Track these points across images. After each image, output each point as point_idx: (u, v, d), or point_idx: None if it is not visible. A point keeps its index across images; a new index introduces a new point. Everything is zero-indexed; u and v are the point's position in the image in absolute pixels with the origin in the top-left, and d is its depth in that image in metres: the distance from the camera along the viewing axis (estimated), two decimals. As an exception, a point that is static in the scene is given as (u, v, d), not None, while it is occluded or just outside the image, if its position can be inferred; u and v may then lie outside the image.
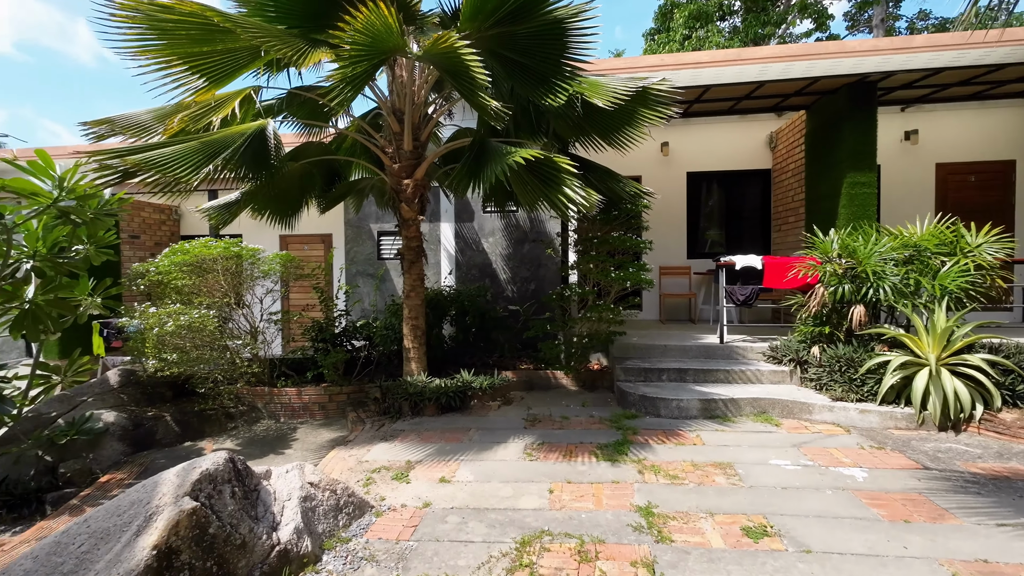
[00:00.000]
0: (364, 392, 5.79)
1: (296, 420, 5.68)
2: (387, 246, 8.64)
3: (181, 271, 5.18)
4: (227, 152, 3.84)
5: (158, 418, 5.05)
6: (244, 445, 5.02)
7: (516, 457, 3.95)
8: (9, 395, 3.79)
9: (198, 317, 4.86)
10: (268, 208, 5.88)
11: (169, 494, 2.12)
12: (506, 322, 7.01)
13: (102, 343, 7.20)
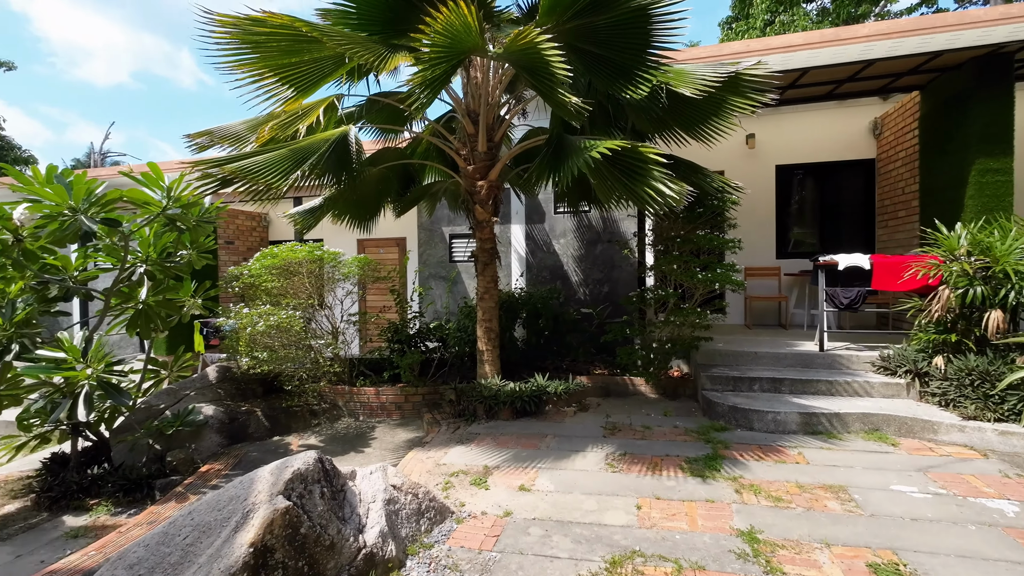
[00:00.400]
0: (438, 393, 5.82)
1: (374, 419, 5.81)
2: (459, 249, 8.72)
3: (270, 274, 5.46)
4: (313, 158, 3.96)
5: (250, 413, 5.34)
6: (327, 442, 5.19)
7: (597, 467, 3.76)
8: (126, 387, 4.13)
9: (285, 317, 5.08)
10: (348, 213, 6.08)
11: (264, 492, 2.15)
12: (580, 325, 6.80)
13: (202, 341, 7.80)
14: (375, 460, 4.62)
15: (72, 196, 3.91)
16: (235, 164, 3.76)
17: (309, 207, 5.69)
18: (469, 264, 8.65)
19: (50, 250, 4.54)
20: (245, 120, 4.76)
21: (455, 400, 5.22)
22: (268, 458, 4.80)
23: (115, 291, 4.64)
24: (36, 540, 3.72)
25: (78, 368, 3.80)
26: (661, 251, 5.56)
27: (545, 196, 8.19)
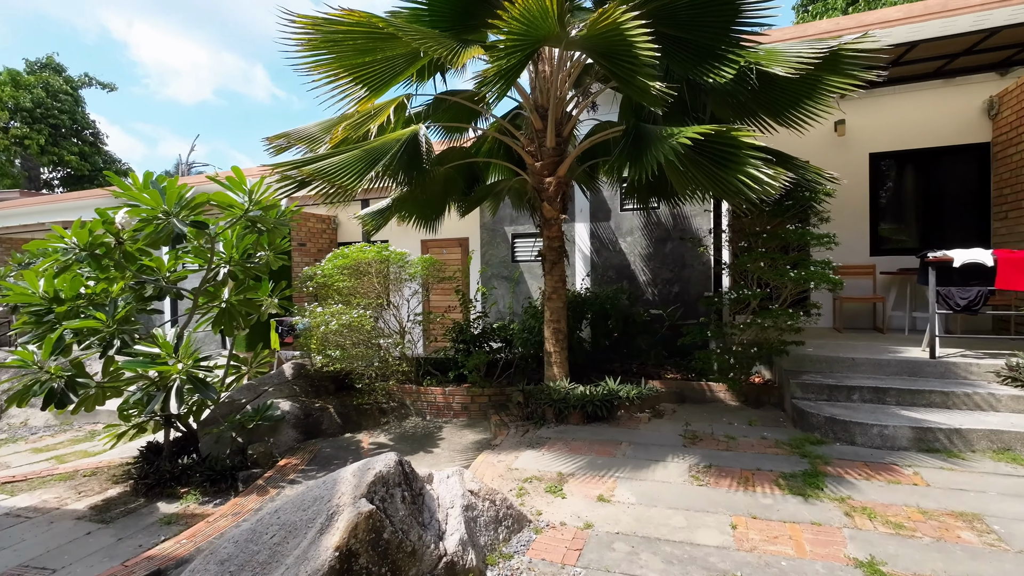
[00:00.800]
0: (504, 395, 5.72)
1: (440, 419, 5.79)
2: (522, 248, 8.61)
3: (342, 274, 5.58)
4: (386, 158, 3.97)
5: (323, 410, 5.47)
6: (396, 441, 5.21)
7: (680, 479, 3.49)
8: (211, 382, 4.32)
9: (356, 316, 5.16)
10: (414, 213, 6.11)
11: (347, 494, 2.10)
12: (650, 327, 6.49)
13: (277, 338, 8.14)
14: (444, 461, 4.58)
15: (165, 200, 4.14)
16: (313, 166, 3.82)
17: (378, 208, 5.76)
18: (532, 264, 8.52)
19: (146, 252, 4.84)
20: (319, 122, 4.88)
21: (523, 403, 5.09)
22: (340, 455, 4.89)
23: (202, 290, 4.89)
24: (135, 524, 3.95)
25: (170, 363, 4.00)
26: (744, 248, 5.17)
27: (611, 193, 7.92)
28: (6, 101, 20.47)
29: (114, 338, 4.32)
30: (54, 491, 4.69)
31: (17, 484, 4.89)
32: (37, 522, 4.05)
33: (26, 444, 6.61)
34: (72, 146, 22.30)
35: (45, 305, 4.47)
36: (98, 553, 3.50)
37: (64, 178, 21.95)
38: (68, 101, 22.19)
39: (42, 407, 4.03)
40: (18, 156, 21.17)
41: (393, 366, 5.57)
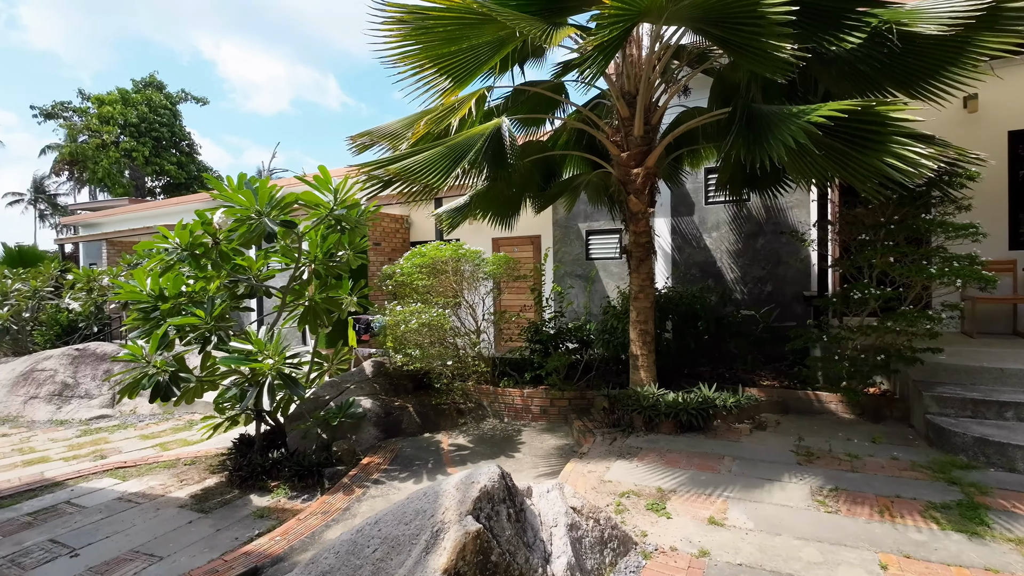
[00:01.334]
0: (586, 399, 5.45)
1: (518, 422, 5.61)
2: (597, 245, 8.28)
3: (420, 272, 5.53)
4: (470, 154, 3.83)
5: (403, 409, 5.45)
6: (475, 443, 5.09)
7: (804, 504, 3.07)
8: (299, 378, 4.39)
9: (436, 315, 5.08)
10: (490, 210, 5.97)
11: (452, 510, 1.93)
12: (743, 329, 5.96)
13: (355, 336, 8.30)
14: (527, 467, 4.38)
15: (257, 200, 4.23)
16: (398, 165, 3.74)
17: (455, 205, 5.67)
18: (607, 261, 8.17)
19: (239, 252, 5.01)
20: (400, 119, 4.84)
21: (608, 408, 4.80)
22: (421, 455, 4.82)
23: (290, 288, 4.99)
24: (230, 515, 4.06)
25: (262, 360, 4.07)
26: (865, 241, 4.57)
27: (694, 185, 7.41)
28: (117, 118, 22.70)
29: (212, 334, 4.48)
30: (159, 478, 4.96)
31: (128, 469, 5.22)
32: (145, 508, 4.26)
33: (135, 431, 7.13)
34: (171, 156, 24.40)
35: (151, 302, 4.72)
36: (199, 543, 3.60)
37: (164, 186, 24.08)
38: (167, 115, 24.30)
39: (150, 400, 4.25)
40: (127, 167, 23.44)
41: (472, 366, 5.45)
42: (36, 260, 15.43)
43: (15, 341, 10.39)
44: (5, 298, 10.02)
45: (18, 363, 8.83)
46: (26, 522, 4.05)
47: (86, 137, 23.15)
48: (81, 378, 8.51)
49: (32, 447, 6.40)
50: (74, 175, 24.69)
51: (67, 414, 7.95)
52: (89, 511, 4.22)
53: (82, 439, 6.75)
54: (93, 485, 4.82)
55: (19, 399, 8.14)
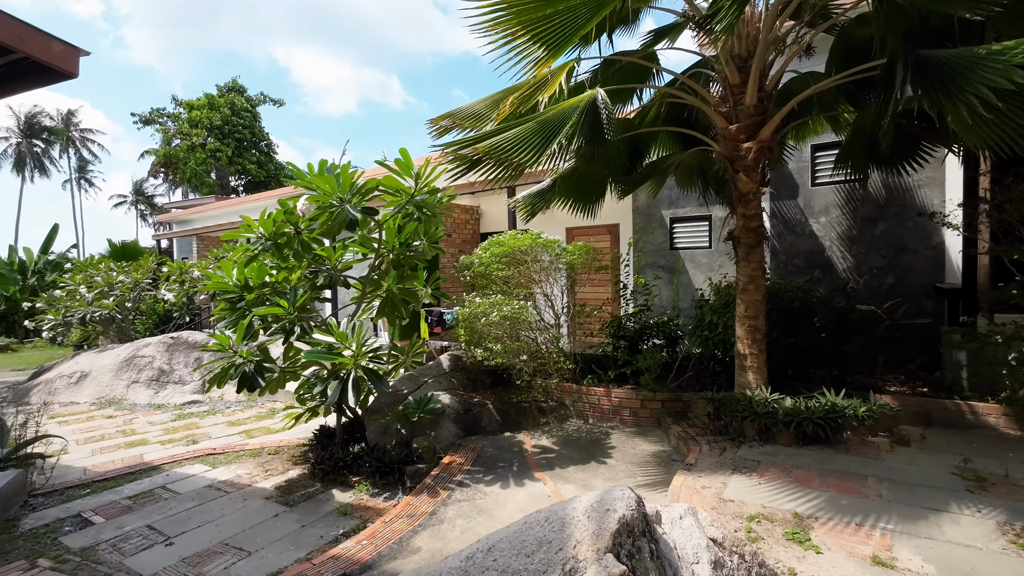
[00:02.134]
0: (681, 402, 4.95)
1: (605, 424, 5.20)
2: (682, 234, 7.65)
3: (500, 262, 5.23)
4: (565, 129, 3.45)
5: (482, 406, 5.19)
6: (560, 445, 4.73)
7: (993, 544, 2.47)
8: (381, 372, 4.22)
9: (518, 308, 4.76)
10: (571, 195, 5.56)
11: (586, 544, 1.57)
12: (865, 326, 5.19)
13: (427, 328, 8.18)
14: (623, 475, 3.97)
15: (340, 187, 4.07)
16: (488, 142, 3.43)
17: (537, 190, 5.32)
18: (695, 251, 7.53)
19: (318, 242, 4.93)
20: (482, 99, 4.53)
21: (713, 414, 4.28)
22: (504, 456, 4.53)
23: (369, 279, 4.85)
24: (314, 511, 3.95)
25: (347, 355, 3.91)
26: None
27: (798, 164, 6.62)
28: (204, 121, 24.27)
29: (295, 325, 4.40)
30: (245, 466, 5.00)
31: (217, 456, 5.32)
32: (233, 498, 4.26)
33: (223, 417, 7.38)
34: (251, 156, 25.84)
35: (237, 292, 4.73)
36: (285, 540, 3.50)
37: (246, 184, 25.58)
38: (248, 117, 25.72)
39: (236, 389, 4.24)
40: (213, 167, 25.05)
41: (557, 363, 5.08)
42: (137, 255, 16.74)
43: (119, 329, 11.22)
44: (111, 289, 10.81)
45: (122, 349, 9.47)
46: (126, 506, 4.15)
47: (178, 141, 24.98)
48: (175, 365, 8.99)
49: (133, 429, 6.74)
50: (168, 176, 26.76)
51: (163, 398, 8.40)
52: (182, 497, 4.28)
53: (176, 423, 7.05)
54: (186, 471, 4.93)
55: (123, 383, 8.70)
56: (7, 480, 4.08)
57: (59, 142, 40.57)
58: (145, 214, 45.71)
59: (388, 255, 4.89)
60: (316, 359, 3.96)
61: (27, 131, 39.38)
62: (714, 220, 7.35)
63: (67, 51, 3.47)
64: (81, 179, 43.00)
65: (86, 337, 12.25)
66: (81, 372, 9.05)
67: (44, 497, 4.37)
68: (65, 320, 10.74)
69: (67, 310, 10.64)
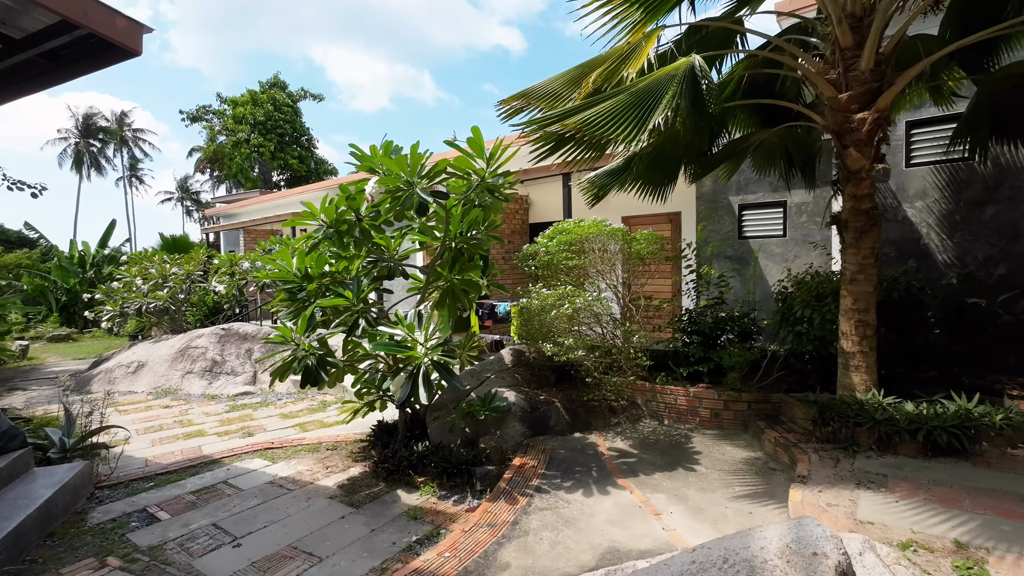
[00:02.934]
0: (770, 403, 4.50)
1: (683, 425, 4.80)
2: (753, 222, 7.12)
3: (569, 251, 4.88)
4: (666, 100, 3.07)
5: (549, 403, 4.87)
6: (638, 448, 4.37)
7: None
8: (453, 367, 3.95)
9: (591, 300, 4.40)
10: (642, 178, 5.15)
11: (792, 597, 1.21)
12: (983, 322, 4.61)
13: (478, 321, 7.87)
14: (717, 486, 3.58)
15: (408, 168, 3.79)
16: (576, 118, 3.09)
17: (607, 170, 4.93)
18: (768, 240, 6.99)
19: (378, 229, 4.69)
20: (558, 75, 4.16)
21: (818, 419, 3.82)
22: (579, 460, 4.20)
23: (433, 269, 4.58)
24: (382, 513, 3.73)
25: (418, 350, 3.65)
26: None
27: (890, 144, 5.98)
28: (248, 117, 24.73)
29: (359, 317, 4.18)
30: (305, 462, 4.84)
31: (275, 451, 5.19)
32: (296, 496, 4.09)
33: (275, 409, 7.32)
34: (293, 151, 26.23)
35: (298, 282, 4.55)
36: (356, 545, 3.28)
37: (287, 179, 26.00)
38: (289, 112, 26.09)
39: (300, 384, 4.05)
40: (256, 162, 25.54)
41: (634, 359, 4.69)
42: (187, 248, 17.16)
43: (171, 320, 11.44)
44: (164, 281, 11.01)
45: (176, 340, 9.60)
46: (191, 501, 4.03)
47: (223, 138, 25.57)
48: (227, 356, 9.03)
49: (190, 420, 6.74)
50: (214, 172, 27.47)
51: (216, 389, 8.44)
52: (245, 494, 4.13)
53: (231, 415, 7.02)
54: (246, 465, 4.81)
55: (178, 373, 8.80)
56: (75, 472, 4.01)
57: (113, 142, 42.37)
58: (190, 210, 47.35)
59: (451, 244, 4.61)
60: (386, 351, 3.71)
61: (84, 131, 41.26)
62: (790, 206, 6.79)
63: (131, 27, 3.30)
64: (132, 177, 44.86)
65: (141, 328, 12.57)
66: (138, 362, 9.22)
67: (109, 489, 4.31)
68: (122, 311, 11.00)
69: (124, 301, 10.89)
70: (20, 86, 3.74)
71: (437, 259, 4.53)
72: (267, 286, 10.70)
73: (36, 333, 16.12)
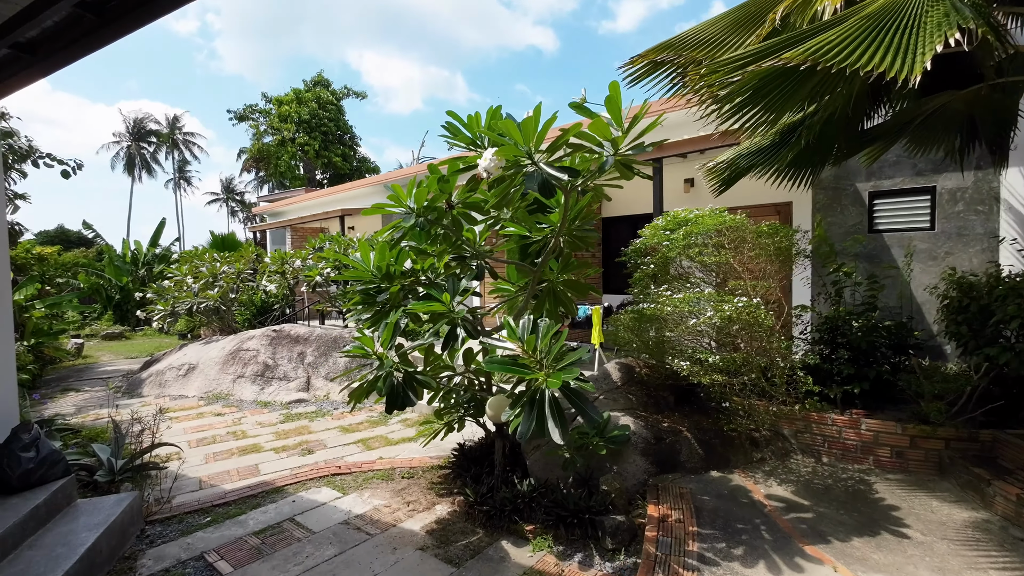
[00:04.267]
0: (978, 442, 3.46)
1: (850, 465, 3.81)
2: (889, 212, 6.00)
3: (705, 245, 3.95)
4: (936, 15, 2.09)
5: (676, 433, 3.96)
6: (806, 496, 3.41)
7: None
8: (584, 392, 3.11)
9: (744, 307, 3.46)
10: (793, 151, 4.15)
11: None
12: None
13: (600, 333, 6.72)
14: (957, 565, 2.60)
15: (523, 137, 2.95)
16: (813, 42, 2.14)
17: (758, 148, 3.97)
18: (908, 235, 5.86)
19: (471, 220, 3.89)
20: (713, 19, 3.25)
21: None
22: (733, 511, 3.28)
23: (542, 266, 3.74)
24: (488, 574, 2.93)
25: (538, 371, 2.82)
26: None
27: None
28: (292, 116, 24.67)
29: (456, 326, 3.39)
30: (380, 495, 4.10)
31: (344, 478, 4.48)
32: (379, 544, 3.33)
33: (332, 420, 6.68)
34: (337, 150, 26.06)
35: (377, 282, 3.81)
36: (471, 629, 2.47)
37: (331, 177, 25.86)
38: (333, 110, 25.93)
39: (387, 409, 3.28)
40: (301, 161, 25.49)
41: (787, 381, 3.72)
42: (235, 246, 17.01)
43: (222, 320, 11.07)
44: (215, 280, 10.63)
45: (226, 342, 9.14)
46: (254, 546, 3.33)
47: (269, 138, 25.63)
48: (279, 360, 8.48)
49: (244, 431, 6.16)
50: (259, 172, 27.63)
51: (269, 395, 7.89)
52: (318, 539, 3.40)
53: (286, 426, 6.41)
54: (312, 496, 4.11)
55: (229, 377, 8.31)
56: (123, 507, 3.37)
57: (165, 145, 43.68)
58: (235, 210, 48.41)
59: (559, 236, 3.77)
60: (502, 370, 2.91)
61: (136, 135, 42.67)
62: (940, 193, 5.64)
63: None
64: (181, 179, 46.16)
65: (191, 327, 12.30)
66: (189, 364, 8.79)
67: (161, 525, 3.66)
68: (173, 310, 10.69)
69: (175, 300, 10.57)
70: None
71: (551, 253, 3.69)
72: (318, 285, 10.18)
73: (91, 331, 16.26)
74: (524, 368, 2.88)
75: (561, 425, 2.67)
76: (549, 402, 2.76)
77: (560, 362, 2.88)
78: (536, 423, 2.73)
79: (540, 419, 2.74)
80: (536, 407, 2.78)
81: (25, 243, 13.87)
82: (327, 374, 8.21)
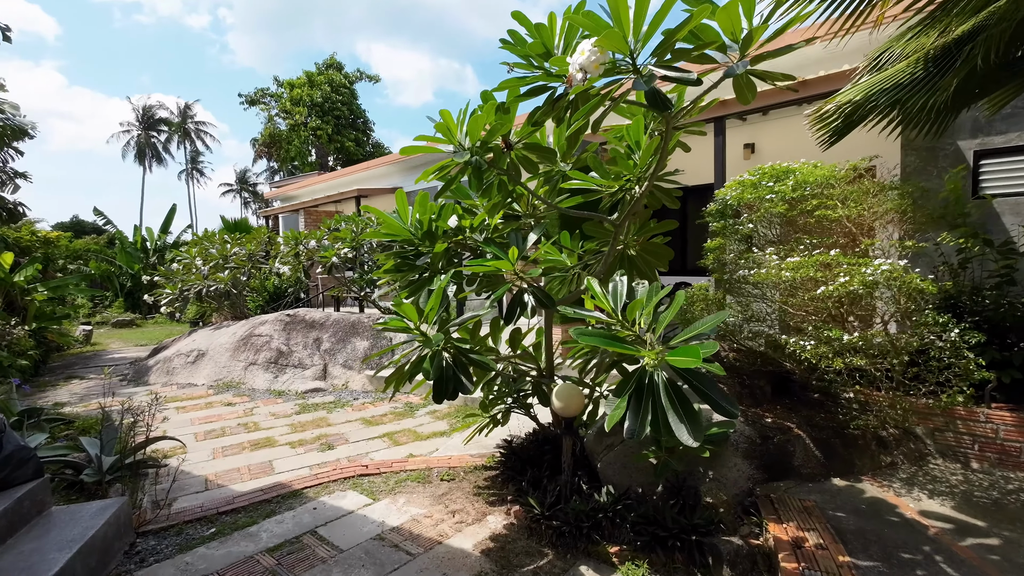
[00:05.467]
0: None
1: (1012, 472, 3.02)
2: (997, 174, 5.13)
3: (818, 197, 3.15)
4: None
5: (785, 431, 3.19)
6: (972, 513, 2.64)
7: None
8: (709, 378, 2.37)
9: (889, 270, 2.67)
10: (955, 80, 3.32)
11: None
12: None
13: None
14: None
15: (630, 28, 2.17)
16: None
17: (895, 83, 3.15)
18: (1010, 200, 4.99)
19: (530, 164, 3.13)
20: None
21: None
22: (885, 533, 2.50)
23: (622, 224, 2.97)
24: (574, 618, 2.21)
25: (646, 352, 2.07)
26: None
27: None
28: (305, 99, 23.98)
29: (525, 292, 2.65)
30: (417, 500, 3.40)
31: (372, 479, 3.79)
32: (424, 567, 2.63)
33: (352, 411, 6.01)
34: (349, 134, 25.36)
35: (417, 243, 3.07)
36: None
37: (343, 163, 25.18)
38: (346, 94, 25.20)
39: (434, 399, 2.56)
40: (313, 145, 24.84)
41: (941, 362, 2.89)
42: (247, 230, 16.42)
43: (233, 305, 10.46)
44: (226, 262, 10.01)
45: (238, 327, 8.52)
46: (268, 568, 2.64)
47: (282, 124, 25.02)
48: (294, 346, 7.84)
49: (256, 423, 5.51)
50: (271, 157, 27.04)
51: (283, 384, 7.25)
52: (347, 560, 2.71)
53: (302, 417, 5.75)
54: (337, 502, 3.42)
55: (240, 364, 7.68)
56: (106, 518, 2.70)
57: (177, 134, 43.30)
58: (248, 201, 48.06)
59: (636, 188, 2.99)
60: (603, 344, 2.17)
61: (145, 123, 42.31)
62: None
63: None
64: (193, 169, 45.81)
65: (202, 313, 11.72)
66: (198, 351, 8.18)
67: (155, 538, 2.99)
68: (182, 294, 10.09)
69: (183, 284, 9.97)
70: None
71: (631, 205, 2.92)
72: (335, 267, 9.49)
73: (102, 318, 15.81)
74: (626, 344, 2.13)
75: (690, 420, 1.92)
76: (665, 389, 2.01)
77: (677, 339, 2.13)
78: (651, 419, 1.99)
79: (655, 414, 1.99)
80: (647, 397, 2.03)
81: (29, 224, 13.39)
82: (345, 361, 7.55)
